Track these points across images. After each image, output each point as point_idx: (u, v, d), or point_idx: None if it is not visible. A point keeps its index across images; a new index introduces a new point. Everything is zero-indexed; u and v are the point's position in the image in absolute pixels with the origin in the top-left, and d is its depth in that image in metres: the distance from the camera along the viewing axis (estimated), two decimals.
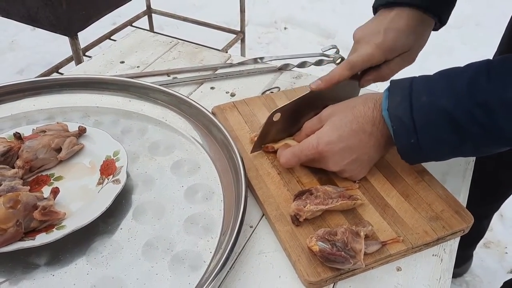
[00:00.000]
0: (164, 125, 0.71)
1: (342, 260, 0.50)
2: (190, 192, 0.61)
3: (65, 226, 0.54)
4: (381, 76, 0.68)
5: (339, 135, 0.58)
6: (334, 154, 0.59)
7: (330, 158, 0.59)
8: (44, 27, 1.17)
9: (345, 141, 0.58)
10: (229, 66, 0.86)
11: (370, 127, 0.57)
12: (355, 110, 0.58)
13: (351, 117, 0.58)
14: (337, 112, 0.60)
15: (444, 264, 0.54)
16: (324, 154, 0.59)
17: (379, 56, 0.64)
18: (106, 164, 0.62)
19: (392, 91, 0.56)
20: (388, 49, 0.64)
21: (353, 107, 0.59)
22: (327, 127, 0.59)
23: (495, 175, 1.07)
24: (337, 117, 0.59)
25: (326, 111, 0.62)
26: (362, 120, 0.58)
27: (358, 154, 0.59)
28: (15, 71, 2.20)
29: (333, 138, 0.58)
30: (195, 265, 0.53)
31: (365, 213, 0.57)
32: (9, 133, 0.64)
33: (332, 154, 0.59)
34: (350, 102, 0.61)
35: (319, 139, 0.59)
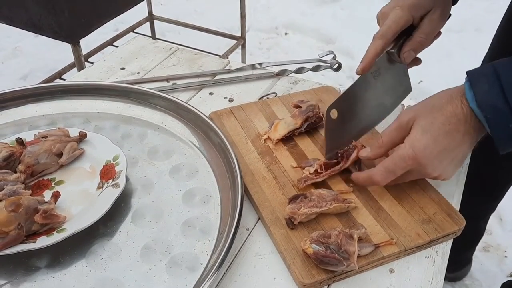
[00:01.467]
0: (163, 130, 0.73)
1: (335, 262, 0.51)
2: (188, 195, 0.62)
3: (65, 229, 0.55)
4: (418, 43, 0.65)
5: (434, 139, 0.55)
6: (433, 160, 0.56)
7: (429, 165, 0.56)
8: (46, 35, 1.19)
9: (440, 144, 0.55)
10: (227, 72, 0.88)
11: (463, 125, 0.55)
12: (444, 110, 0.55)
13: (442, 118, 0.55)
14: (422, 115, 0.57)
15: (437, 266, 0.55)
16: (423, 161, 0.56)
17: (404, 15, 0.63)
18: (106, 169, 0.64)
19: (474, 80, 0.54)
20: (412, 6, 0.63)
21: (440, 107, 0.56)
22: (418, 133, 0.56)
23: (491, 175, 1.08)
24: (425, 120, 0.56)
25: (406, 116, 0.58)
26: (455, 120, 0.55)
27: (454, 154, 0.57)
28: (19, 77, 2.23)
29: (428, 143, 0.55)
30: (192, 267, 0.54)
31: (359, 216, 0.58)
32: (12, 139, 0.66)
33: (431, 160, 0.56)
34: (433, 102, 0.58)
35: (413, 147, 0.55)
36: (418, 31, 0.65)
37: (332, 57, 0.89)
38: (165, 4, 2.74)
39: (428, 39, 0.66)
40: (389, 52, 0.65)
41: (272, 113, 0.75)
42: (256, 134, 0.71)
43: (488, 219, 1.25)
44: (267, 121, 0.73)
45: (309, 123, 0.70)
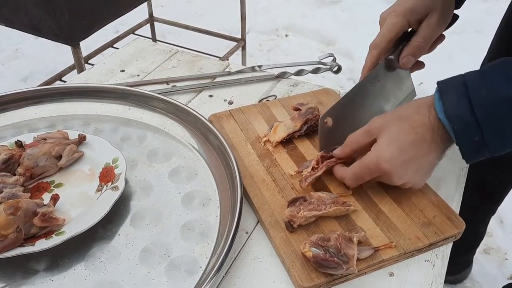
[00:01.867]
0: (163, 132, 0.73)
1: (335, 266, 0.51)
2: (187, 198, 0.62)
3: (64, 232, 0.55)
4: (416, 49, 0.65)
5: (400, 148, 0.56)
6: (398, 169, 0.56)
7: (394, 174, 0.57)
8: (46, 37, 1.19)
9: (406, 154, 0.56)
10: (227, 74, 0.88)
11: (430, 134, 0.55)
12: (411, 120, 0.56)
13: (407, 128, 0.56)
14: (389, 124, 0.57)
15: (436, 269, 0.55)
16: (387, 170, 0.56)
17: (399, 21, 0.63)
18: (105, 171, 0.64)
19: (443, 91, 0.54)
20: (408, 11, 0.64)
21: (407, 117, 0.57)
22: (384, 142, 0.57)
23: (491, 178, 1.08)
24: (391, 129, 0.57)
25: (375, 123, 0.59)
26: (421, 129, 0.55)
27: (420, 163, 0.57)
28: (19, 79, 2.23)
29: (394, 153, 0.56)
30: (191, 270, 0.54)
31: (358, 219, 0.58)
32: (11, 141, 0.66)
33: (396, 169, 0.56)
34: (401, 111, 0.58)
35: (379, 157, 0.56)
36: (416, 36, 0.65)
37: (332, 59, 0.89)
38: (165, 6, 2.74)
39: (426, 43, 0.66)
40: (387, 58, 0.65)
41: (271, 116, 0.75)
42: (255, 136, 0.71)
43: (488, 222, 1.25)
44: (266, 124, 0.73)
45: (309, 126, 0.70)
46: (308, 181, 0.60)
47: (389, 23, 0.64)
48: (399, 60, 0.66)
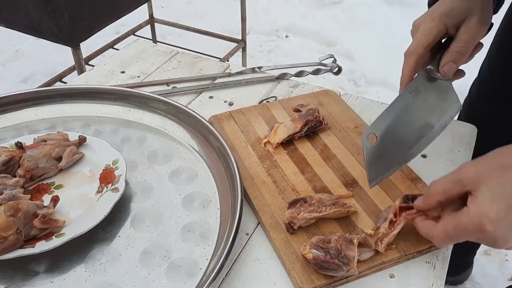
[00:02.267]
0: (163, 134, 0.73)
1: (335, 268, 0.50)
2: (187, 200, 0.62)
3: (64, 233, 0.55)
4: (458, 54, 0.59)
5: (508, 206, 0.46)
6: (505, 231, 0.47)
7: (500, 237, 0.47)
8: (47, 38, 1.19)
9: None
10: (227, 76, 0.88)
11: None
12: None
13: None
14: (489, 176, 0.48)
15: (437, 271, 0.55)
16: (492, 233, 0.46)
17: (435, 26, 0.59)
18: (106, 173, 0.64)
19: None
20: (444, 15, 0.59)
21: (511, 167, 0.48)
22: (487, 199, 0.47)
23: None
24: (493, 182, 0.47)
25: (468, 172, 0.49)
26: None
27: None
28: (20, 80, 2.23)
29: (500, 212, 0.46)
30: (191, 272, 0.54)
31: (359, 221, 0.58)
32: (11, 143, 0.66)
33: (503, 232, 0.47)
34: (502, 160, 0.49)
35: (481, 217, 0.46)
36: (456, 41, 0.59)
37: (332, 60, 0.89)
38: (165, 7, 2.75)
39: (468, 48, 0.59)
40: (426, 69, 0.61)
41: (272, 117, 0.75)
42: (256, 138, 0.71)
43: None
44: (267, 125, 0.73)
45: (309, 127, 0.70)
46: (385, 242, 0.53)
47: (424, 28, 0.59)
48: (439, 69, 0.60)
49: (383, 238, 0.54)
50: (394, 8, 2.63)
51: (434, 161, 0.69)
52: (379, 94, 2.16)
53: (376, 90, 2.19)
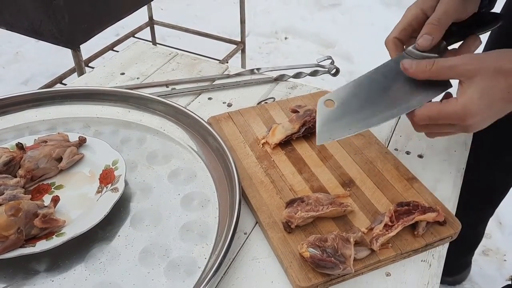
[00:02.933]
0: (162, 134, 0.73)
1: (332, 266, 0.51)
2: (186, 200, 0.63)
3: (64, 233, 0.55)
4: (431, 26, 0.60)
5: (490, 104, 0.53)
6: (480, 122, 0.54)
7: (474, 126, 0.55)
8: (47, 40, 1.20)
9: (493, 110, 0.54)
10: (226, 77, 0.88)
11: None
12: (510, 78, 0.52)
13: (503, 85, 0.52)
14: (484, 75, 0.53)
15: (433, 269, 0.56)
16: (469, 125, 0.54)
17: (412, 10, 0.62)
18: (105, 173, 0.64)
19: None
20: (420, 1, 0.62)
21: (507, 73, 0.52)
22: (475, 95, 0.53)
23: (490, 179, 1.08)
24: (485, 82, 0.53)
25: (469, 64, 0.54)
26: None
27: (498, 116, 0.55)
28: (20, 81, 2.24)
29: (483, 109, 0.53)
30: (190, 270, 0.54)
31: (356, 220, 0.59)
32: (12, 144, 0.66)
33: (478, 123, 0.54)
34: (502, 63, 0.53)
35: (466, 109, 0.53)
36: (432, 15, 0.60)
37: (330, 62, 0.90)
38: (165, 9, 2.76)
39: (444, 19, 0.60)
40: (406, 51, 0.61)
41: (270, 118, 0.76)
42: (254, 138, 0.72)
43: (486, 223, 1.25)
44: (265, 126, 0.74)
45: (307, 128, 0.71)
46: (379, 241, 0.54)
47: (403, 16, 0.63)
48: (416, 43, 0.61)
49: (378, 238, 0.55)
50: (393, 10, 2.64)
51: (431, 161, 0.70)
52: None
53: None
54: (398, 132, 0.76)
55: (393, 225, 0.56)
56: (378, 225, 0.56)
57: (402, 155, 0.71)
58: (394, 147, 0.73)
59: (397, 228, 0.55)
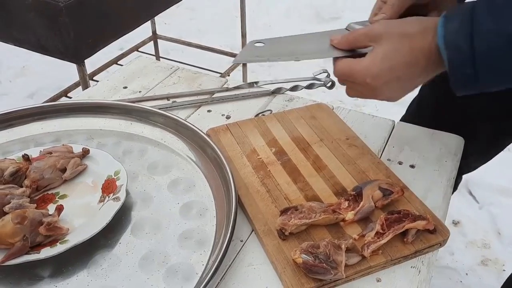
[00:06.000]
0: (163, 146, 0.76)
1: (323, 271, 0.53)
2: (185, 208, 0.65)
3: (68, 240, 0.58)
4: None
5: (391, 67, 0.56)
6: (381, 86, 0.57)
7: (377, 90, 0.58)
8: (53, 55, 1.24)
9: (395, 74, 0.56)
10: (225, 90, 0.91)
11: (425, 60, 0.55)
12: (413, 40, 0.55)
13: (407, 47, 0.55)
14: (391, 36, 0.56)
15: (422, 275, 0.57)
16: (371, 85, 0.57)
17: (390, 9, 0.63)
18: (108, 183, 0.67)
19: (449, 17, 0.53)
20: None
21: (411, 36, 0.55)
22: (378, 56, 0.56)
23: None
24: (390, 44, 0.56)
25: (378, 28, 0.58)
26: (419, 53, 0.55)
27: (405, 84, 0.58)
28: (26, 95, 2.28)
29: (384, 70, 0.56)
30: (188, 276, 0.56)
31: (347, 227, 0.61)
32: (18, 155, 0.69)
33: (379, 86, 0.57)
34: (408, 26, 0.57)
35: (368, 70, 0.57)
36: None
37: (326, 75, 0.93)
38: (168, 23, 2.81)
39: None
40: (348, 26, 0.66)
41: (267, 130, 0.78)
42: (251, 149, 0.74)
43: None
44: (262, 137, 0.77)
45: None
46: (371, 248, 0.56)
47: None
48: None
49: (370, 245, 0.57)
50: None
51: (422, 171, 0.72)
52: (378, 107, 2.19)
53: (374, 104, 2.22)
54: (391, 143, 0.78)
55: (384, 233, 0.58)
56: (370, 232, 0.59)
57: (394, 165, 0.74)
58: (387, 157, 0.75)
59: (388, 236, 0.58)
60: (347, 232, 0.60)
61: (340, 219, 0.61)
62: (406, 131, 0.81)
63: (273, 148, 0.74)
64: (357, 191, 0.63)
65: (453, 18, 0.53)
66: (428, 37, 0.55)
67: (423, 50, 0.55)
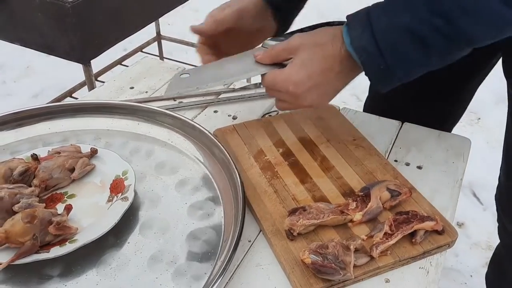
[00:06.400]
0: (170, 146, 0.76)
1: (332, 272, 0.53)
2: (192, 209, 0.65)
3: (77, 240, 0.58)
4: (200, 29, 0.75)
5: (308, 75, 0.61)
6: (303, 93, 0.62)
7: (299, 97, 0.63)
8: (59, 55, 1.25)
9: (313, 80, 0.61)
10: (231, 91, 0.92)
11: (339, 65, 0.60)
12: (325, 49, 0.60)
13: (320, 55, 0.61)
14: (306, 47, 0.62)
15: (430, 276, 0.57)
16: (293, 93, 0.62)
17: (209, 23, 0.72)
18: (116, 183, 0.67)
19: (351, 25, 0.58)
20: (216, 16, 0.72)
21: (322, 45, 0.61)
22: (296, 65, 0.62)
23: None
24: (305, 54, 0.61)
25: (295, 41, 0.63)
26: (332, 60, 0.60)
27: (325, 89, 0.63)
28: (31, 95, 2.29)
29: (303, 78, 0.61)
30: (196, 276, 0.57)
31: (355, 228, 0.61)
32: (27, 155, 0.69)
33: (301, 93, 0.62)
34: (317, 37, 0.62)
35: (288, 79, 0.62)
36: None
37: None
38: (172, 24, 2.81)
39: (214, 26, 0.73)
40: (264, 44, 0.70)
41: (273, 130, 0.79)
42: (258, 150, 0.74)
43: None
44: (269, 138, 0.77)
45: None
46: (379, 249, 0.56)
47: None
48: None
49: (379, 245, 0.57)
50: None
51: (429, 172, 0.72)
52: None
53: None
54: (398, 144, 0.78)
55: (393, 234, 0.58)
56: (378, 233, 0.59)
57: (401, 166, 0.74)
58: (394, 158, 0.75)
59: (397, 237, 0.58)
60: (355, 232, 0.60)
61: (348, 219, 0.61)
62: (412, 132, 0.81)
63: (280, 149, 0.75)
64: (365, 192, 0.63)
65: (354, 24, 0.58)
66: (337, 44, 0.60)
67: (335, 57, 0.60)
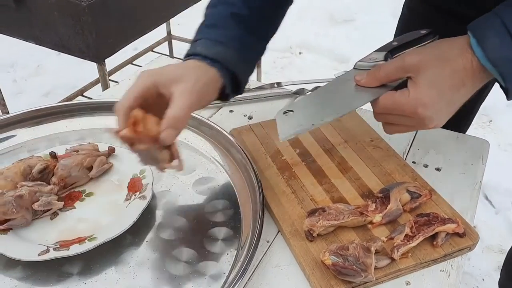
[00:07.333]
0: (186, 145, 0.76)
1: (353, 273, 0.53)
2: (210, 208, 0.65)
3: (96, 238, 0.58)
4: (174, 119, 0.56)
5: (439, 93, 0.54)
6: (433, 114, 0.55)
7: (428, 119, 0.55)
8: (74, 54, 1.25)
9: (444, 99, 0.55)
10: (247, 91, 0.91)
11: (471, 79, 0.54)
12: (454, 63, 0.54)
13: (449, 71, 0.54)
14: (429, 65, 0.55)
15: (451, 279, 0.57)
16: (422, 116, 0.55)
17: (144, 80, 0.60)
18: (133, 182, 0.67)
19: (480, 35, 0.52)
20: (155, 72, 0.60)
21: (450, 59, 0.54)
22: (425, 86, 0.54)
23: None
24: (431, 71, 0.54)
25: (411, 59, 0.56)
26: (463, 74, 0.54)
27: (455, 106, 0.56)
28: (41, 94, 2.30)
29: (433, 98, 0.54)
30: (215, 276, 0.56)
31: (375, 230, 0.60)
32: (45, 152, 0.70)
33: (430, 115, 0.55)
34: (442, 52, 0.55)
35: (417, 99, 0.54)
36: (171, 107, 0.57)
37: None
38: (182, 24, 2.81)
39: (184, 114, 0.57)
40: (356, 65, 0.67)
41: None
42: (275, 150, 0.74)
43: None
44: None
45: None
46: (400, 251, 0.55)
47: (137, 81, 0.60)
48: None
49: (400, 247, 0.56)
50: None
51: (448, 174, 0.72)
52: None
53: None
54: (416, 145, 0.78)
55: (414, 236, 0.57)
56: (398, 235, 0.58)
57: (420, 168, 0.73)
58: (412, 160, 0.75)
59: (418, 239, 0.57)
60: (375, 234, 0.60)
61: (368, 221, 0.60)
62: (430, 133, 0.80)
63: (297, 149, 0.74)
64: (385, 193, 0.62)
65: (487, 34, 0.52)
66: (467, 57, 0.54)
67: (466, 70, 0.54)
